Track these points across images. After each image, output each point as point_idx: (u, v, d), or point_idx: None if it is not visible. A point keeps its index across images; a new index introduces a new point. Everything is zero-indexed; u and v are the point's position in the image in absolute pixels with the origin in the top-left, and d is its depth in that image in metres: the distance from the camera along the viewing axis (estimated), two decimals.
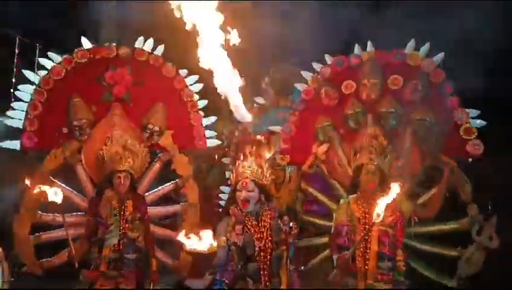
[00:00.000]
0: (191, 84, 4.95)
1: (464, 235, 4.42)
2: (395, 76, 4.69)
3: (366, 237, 3.74)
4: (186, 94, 4.92)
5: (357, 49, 4.86)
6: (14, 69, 4.97)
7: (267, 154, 4.08)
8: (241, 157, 4.00)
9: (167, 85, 4.90)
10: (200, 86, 4.93)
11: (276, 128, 5.01)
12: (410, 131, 4.57)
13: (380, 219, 3.52)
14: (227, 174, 5.09)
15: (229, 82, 3.84)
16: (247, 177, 3.85)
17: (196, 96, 4.95)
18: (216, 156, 5.80)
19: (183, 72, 4.93)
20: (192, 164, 4.93)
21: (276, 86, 5.68)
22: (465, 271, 4.35)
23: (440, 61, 4.67)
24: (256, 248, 3.76)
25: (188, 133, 4.92)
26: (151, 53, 4.91)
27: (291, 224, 3.78)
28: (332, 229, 4.03)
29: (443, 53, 4.66)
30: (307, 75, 4.94)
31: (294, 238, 3.79)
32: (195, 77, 4.92)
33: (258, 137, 4.20)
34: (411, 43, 4.72)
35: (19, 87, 4.72)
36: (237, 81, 3.86)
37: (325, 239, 4.44)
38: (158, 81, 4.88)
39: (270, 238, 3.81)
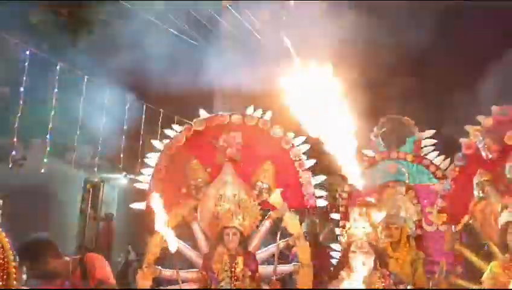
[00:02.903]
0: (298, 145, 5.09)
1: None
2: None
3: None
4: (294, 154, 5.06)
5: None
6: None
7: (379, 216, 3.96)
8: (352, 219, 3.89)
9: (275, 145, 5.09)
10: (307, 146, 5.04)
11: (438, 186, 4.85)
12: None
13: None
14: (337, 230, 5.00)
15: (343, 147, 3.79)
16: (361, 238, 3.74)
17: (304, 156, 5.07)
18: (330, 216, 5.79)
19: (290, 134, 5.10)
20: (305, 221, 4.87)
21: (387, 138, 5.54)
22: None
23: None
24: None
25: (297, 192, 5.00)
26: (260, 118, 5.18)
27: (409, 287, 3.59)
28: None
29: None
30: (469, 128, 4.73)
31: None
32: (302, 138, 5.05)
33: (368, 199, 4.08)
34: None
35: (147, 155, 5.27)
36: (352, 145, 3.76)
37: None
38: (267, 142, 5.09)
39: None
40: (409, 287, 3.68)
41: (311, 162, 5.07)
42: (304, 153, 5.07)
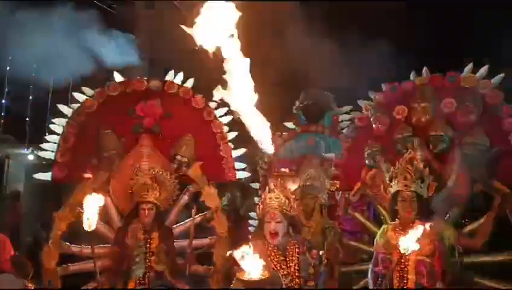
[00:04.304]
0: (220, 116, 4.94)
1: None
2: (449, 99, 4.54)
3: (403, 267, 3.59)
4: (215, 126, 4.91)
5: (412, 75, 4.79)
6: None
7: (293, 186, 3.96)
8: (267, 190, 3.90)
9: (196, 117, 4.91)
10: (229, 118, 4.88)
11: (330, 155, 4.97)
12: (459, 154, 4.31)
13: (408, 252, 3.35)
14: (256, 199, 5.00)
15: (252, 114, 3.71)
16: (274, 208, 3.72)
17: (226, 128, 4.94)
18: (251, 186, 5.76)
19: (212, 104, 4.93)
20: (226, 194, 4.76)
21: (307, 111, 5.63)
22: None
23: (499, 83, 4.45)
24: (283, 285, 3.55)
25: (218, 165, 4.88)
26: (181, 86, 4.96)
27: (321, 253, 3.64)
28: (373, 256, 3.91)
29: (503, 74, 4.47)
30: (362, 102, 4.93)
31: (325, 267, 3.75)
32: (224, 109, 4.90)
33: (283, 169, 4.10)
34: (469, 66, 4.58)
35: (53, 120, 4.83)
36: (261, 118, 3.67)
37: (366, 266, 4.19)
38: (188, 113, 4.91)
39: (297, 274, 3.59)
40: (321, 253, 3.75)
41: (233, 134, 4.94)
42: (226, 124, 4.92)
